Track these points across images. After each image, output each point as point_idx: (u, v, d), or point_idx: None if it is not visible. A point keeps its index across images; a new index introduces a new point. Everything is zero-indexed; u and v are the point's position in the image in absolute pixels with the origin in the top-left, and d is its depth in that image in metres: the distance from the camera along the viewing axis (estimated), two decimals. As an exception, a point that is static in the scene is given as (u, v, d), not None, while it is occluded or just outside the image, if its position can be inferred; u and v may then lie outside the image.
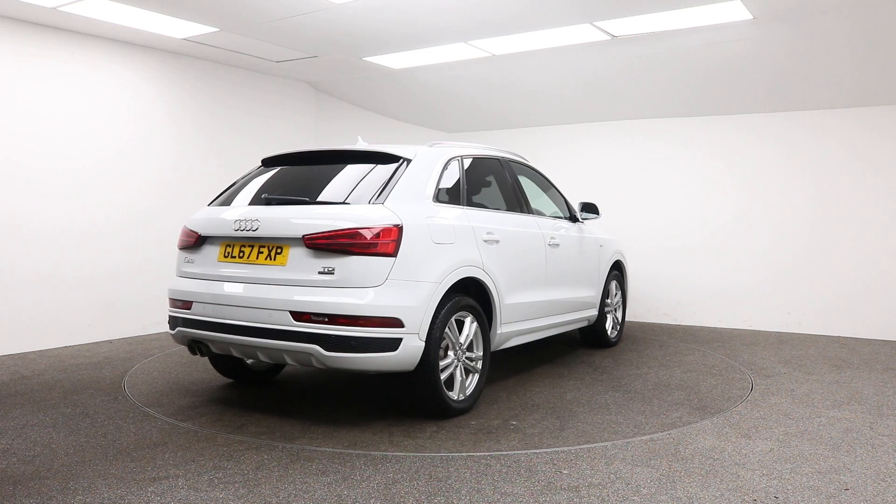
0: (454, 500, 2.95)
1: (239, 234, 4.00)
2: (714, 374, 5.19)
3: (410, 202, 3.96)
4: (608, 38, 5.99)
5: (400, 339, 3.69)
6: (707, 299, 7.54)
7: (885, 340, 6.56)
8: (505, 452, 3.53)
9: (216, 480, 3.14)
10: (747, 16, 5.36)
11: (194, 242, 4.23)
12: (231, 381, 4.97)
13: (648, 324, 7.68)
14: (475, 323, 4.21)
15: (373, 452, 3.51)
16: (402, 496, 2.98)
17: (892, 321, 6.62)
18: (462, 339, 4.12)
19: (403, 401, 4.37)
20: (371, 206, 3.83)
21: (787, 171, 7.16)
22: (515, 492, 3.03)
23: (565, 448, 3.59)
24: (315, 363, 3.72)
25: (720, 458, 3.45)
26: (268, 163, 4.65)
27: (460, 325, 4.15)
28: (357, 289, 3.65)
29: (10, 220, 5.81)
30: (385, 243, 3.69)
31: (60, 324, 6.13)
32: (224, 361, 4.76)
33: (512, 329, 4.65)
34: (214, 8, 5.46)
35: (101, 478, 3.17)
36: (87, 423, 3.99)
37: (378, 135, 8.67)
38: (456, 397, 4.08)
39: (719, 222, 7.50)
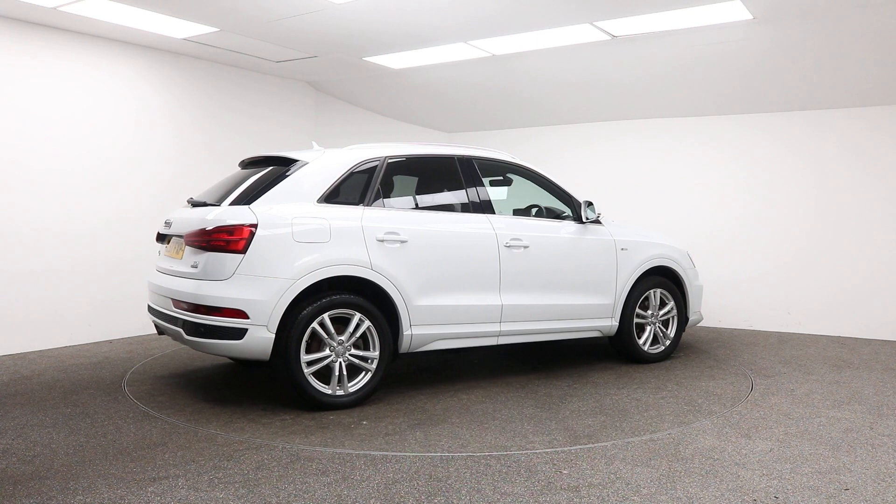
0: (454, 500, 2.95)
1: (166, 231, 4.69)
2: (689, 406, 4.36)
3: (283, 203, 4.26)
4: (608, 38, 5.99)
5: (245, 330, 4.04)
6: (707, 299, 7.52)
7: (885, 340, 6.56)
8: (505, 453, 3.53)
9: (216, 480, 3.14)
10: (747, 16, 5.36)
11: (158, 238, 4.88)
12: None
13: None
14: (367, 322, 4.30)
15: (373, 452, 3.51)
16: (402, 496, 2.98)
17: (892, 321, 6.62)
18: (344, 337, 4.25)
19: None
20: (235, 207, 4.25)
21: (787, 172, 7.16)
22: (515, 492, 3.04)
23: (565, 448, 3.59)
24: (188, 345, 4.30)
25: (720, 458, 3.45)
26: (241, 165, 5.02)
27: (345, 321, 4.28)
28: (209, 282, 4.11)
29: (10, 220, 5.80)
30: (234, 241, 4.08)
31: (60, 324, 6.13)
32: None
33: (434, 332, 4.57)
34: (214, 8, 5.46)
35: (101, 478, 3.17)
36: (87, 423, 3.99)
37: (378, 135, 8.66)
38: (331, 392, 4.23)
39: (718, 223, 7.50)
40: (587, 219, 5.34)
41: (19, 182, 5.84)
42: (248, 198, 4.29)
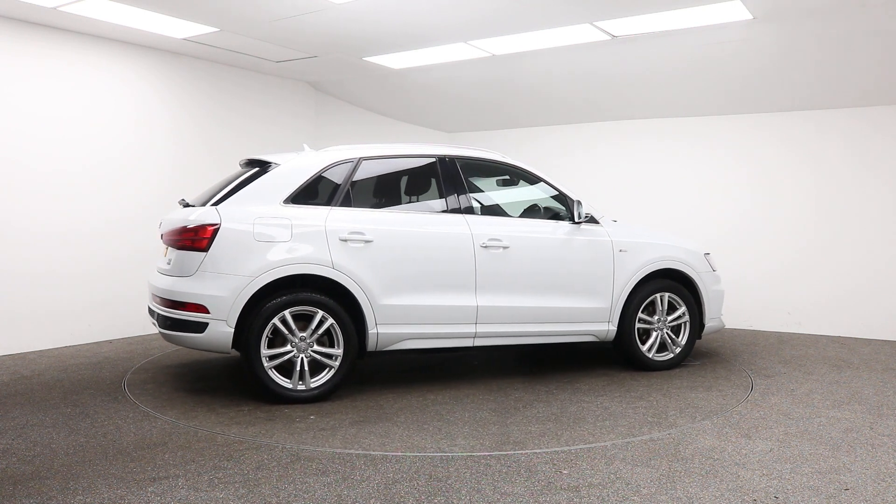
0: (454, 500, 2.95)
1: (160, 231, 4.84)
2: (655, 418, 4.09)
3: (250, 204, 4.44)
4: (608, 38, 5.99)
5: (206, 324, 4.26)
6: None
7: (885, 340, 6.56)
8: (505, 452, 3.53)
9: (216, 480, 3.14)
10: (747, 16, 5.36)
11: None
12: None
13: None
14: (330, 319, 4.41)
15: (373, 452, 3.52)
16: (402, 496, 2.99)
17: (892, 321, 6.62)
18: (306, 333, 4.38)
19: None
20: (203, 208, 4.46)
21: (787, 172, 7.16)
22: (515, 492, 3.04)
23: (565, 448, 3.59)
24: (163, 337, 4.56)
25: (720, 458, 3.45)
26: (240, 165, 5.11)
27: (310, 318, 4.39)
28: (176, 278, 4.38)
29: (11, 220, 5.80)
30: (198, 240, 4.32)
31: (60, 324, 6.13)
32: None
33: (402, 331, 4.59)
34: (214, 8, 5.46)
35: (101, 478, 3.17)
36: (87, 423, 3.99)
37: (378, 135, 8.67)
38: (291, 386, 4.38)
39: (718, 223, 7.49)
40: (579, 217, 5.13)
41: (19, 182, 5.84)
42: (223, 199, 4.48)
